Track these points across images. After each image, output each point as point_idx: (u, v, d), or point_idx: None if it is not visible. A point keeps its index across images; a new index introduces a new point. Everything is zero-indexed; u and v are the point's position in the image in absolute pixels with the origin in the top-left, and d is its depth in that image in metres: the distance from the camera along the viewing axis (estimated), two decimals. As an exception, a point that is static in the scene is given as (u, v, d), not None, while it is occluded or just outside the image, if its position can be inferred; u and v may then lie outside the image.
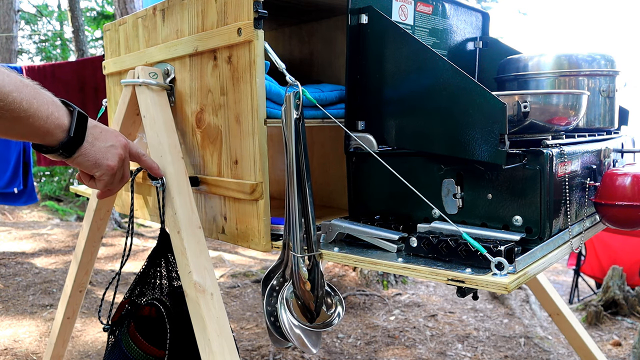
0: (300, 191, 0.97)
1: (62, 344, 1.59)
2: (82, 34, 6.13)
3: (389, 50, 1.06)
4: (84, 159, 0.89)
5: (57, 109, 0.82)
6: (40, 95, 0.79)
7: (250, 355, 2.53)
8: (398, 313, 3.16)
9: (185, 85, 1.23)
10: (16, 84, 0.75)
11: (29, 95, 0.77)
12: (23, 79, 0.78)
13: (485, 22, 1.53)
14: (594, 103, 1.24)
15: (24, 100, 0.75)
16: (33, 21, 10.94)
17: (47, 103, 0.80)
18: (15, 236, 4.89)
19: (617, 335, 2.95)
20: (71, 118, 0.85)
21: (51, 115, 0.81)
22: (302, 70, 1.64)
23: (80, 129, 0.86)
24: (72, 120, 0.85)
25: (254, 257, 4.48)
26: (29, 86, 0.78)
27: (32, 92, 0.78)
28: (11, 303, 3.11)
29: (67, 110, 0.85)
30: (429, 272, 0.84)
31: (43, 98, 0.80)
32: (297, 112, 0.96)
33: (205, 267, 1.03)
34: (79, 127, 0.86)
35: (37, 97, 0.78)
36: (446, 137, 0.95)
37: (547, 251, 0.92)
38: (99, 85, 3.78)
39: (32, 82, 0.80)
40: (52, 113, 0.81)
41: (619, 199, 1.00)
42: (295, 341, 0.99)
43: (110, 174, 0.94)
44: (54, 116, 0.81)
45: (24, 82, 0.77)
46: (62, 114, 0.83)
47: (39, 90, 0.80)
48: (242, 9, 1.04)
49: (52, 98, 0.83)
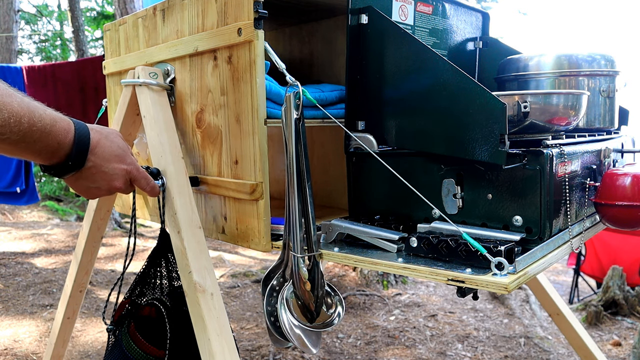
0: (300, 191, 0.97)
1: (62, 344, 1.59)
2: (82, 34, 6.13)
3: (389, 50, 1.06)
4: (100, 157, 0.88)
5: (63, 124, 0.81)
6: (44, 117, 0.77)
7: (250, 355, 2.53)
8: (398, 313, 3.16)
9: (186, 85, 1.23)
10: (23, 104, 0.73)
11: (36, 118, 0.75)
12: (21, 95, 0.76)
13: (485, 22, 1.53)
14: (594, 103, 1.24)
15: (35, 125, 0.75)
16: (33, 21, 10.94)
17: (52, 121, 0.78)
18: (15, 236, 4.90)
19: (617, 335, 2.95)
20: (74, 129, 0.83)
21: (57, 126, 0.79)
22: (302, 70, 1.64)
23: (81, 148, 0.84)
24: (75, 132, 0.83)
25: (254, 257, 4.48)
26: (30, 103, 0.76)
27: (42, 111, 0.77)
28: (11, 303, 3.11)
29: (70, 121, 0.83)
30: (429, 272, 0.84)
31: (48, 118, 0.78)
32: (297, 112, 0.96)
33: (205, 267, 1.03)
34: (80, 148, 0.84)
35: (43, 118, 0.77)
36: (446, 137, 0.95)
37: (547, 251, 0.92)
38: (99, 85, 3.78)
39: (31, 100, 0.78)
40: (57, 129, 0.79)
41: (619, 199, 1.00)
42: (295, 341, 0.99)
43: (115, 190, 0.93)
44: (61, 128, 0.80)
45: (25, 101, 0.75)
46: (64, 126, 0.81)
47: (43, 108, 0.78)
48: (242, 9, 1.04)
49: (58, 139, 0.80)
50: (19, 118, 0.72)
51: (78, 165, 0.84)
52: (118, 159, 0.90)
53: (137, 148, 1.43)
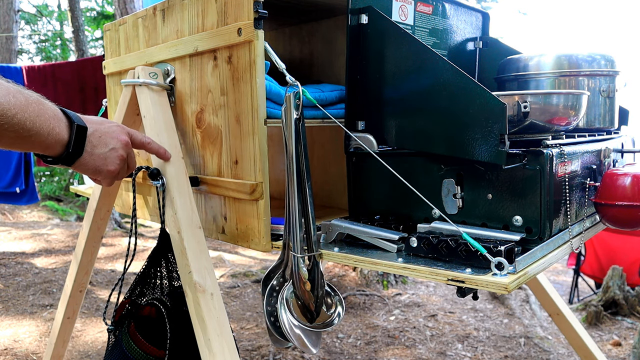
0: (300, 191, 0.97)
1: (62, 344, 1.59)
2: (82, 34, 6.13)
3: (389, 50, 1.06)
4: (83, 168, 0.91)
5: (58, 123, 0.84)
6: (43, 112, 0.81)
7: (250, 355, 2.53)
8: (398, 313, 3.16)
9: (186, 85, 1.23)
10: (21, 105, 0.76)
11: (33, 114, 0.78)
12: (28, 94, 0.79)
13: (485, 22, 1.54)
14: (594, 103, 1.24)
15: (28, 120, 0.77)
16: (33, 21, 10.94)
17: (49, 119, 0.82)
18: (15, 236, 4.90)
19: (617, 335, 2.95)
20: (70, 132, 0.86)
21: (52, 131, 0.82)
22: (302, 70, 1.64)
23: (78, 142, 0.87)
24: (71, 135, 0.86)
25: (254, 257, 4.48)
26: (33, 104, 0.79)
27: (36, 109, 0.79)
28: (11, 303, 3.11)
29: (68, 122, 0.86)
30: (429, 272, 0.84)
31: (45, 114, 0.81)
32: (297, 112, 0.96)
33: (205, 267, 1.03)
34: (78, 141, 0.87)
35: (40, 114, 0.80)
36: (446, 137, 0.95)
37: (547, 251, 0.92)
38: (99, 85, 3.78)
39: (36, 96, 0.81)
40: (53, 129, 0.82)
41: (619, 199, 1.00)
42: (295, 341, 0.99)
43: (111, 177, 0.96)
44: (55, 132, 0.83)
45: (28, 101, 0.78)
46: (62, 128, 0.84)
47: (42, 105, 0.81)
48: (242, 9, 1.04)
49: (54, 111, 0.84)
50: (14, 94, 0.75)
51: (83, 130, 0.87)
52: (107, 121, 0.96)
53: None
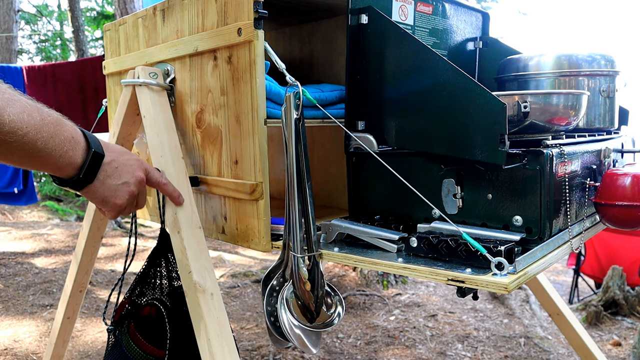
0: (300, 191, 0.97)
1: (62, 344, 1.59)
2: (82, 34, 6.13)
3: (389, 50, 1.06)
4: (92, 196, 0.88)
5: (74, 146, 0.81)
6: (59, 133, 0.78)
7: (250, 355, 2.53)
8: (398, 313, 3.16)
9: (186, 85, 1.23)
10: (35, 124, 0.73)
11: (47, 134, 0.75)
12: (46, 113, 0.76)
13: (485, 22, 1.53)
14: (594, 103, 1.24)
15: (40, 140, 0.74)
16: (33, 21, 10.94)
17: (64, 141, 0.79)
18: (15, 236, 4.89)
19: (617, 335, 2.95)
20: (86, 156, 0.83)
21: (65, 154, 0.80)
22: (302, 70, 1.64)
23: (92, 169, 0.85)
24: (85, 160, 0.83)
25: (254, 257, 4.48)
26: (49, 124, 0.76)
27: (52, 130, 0.76)
28: (11, 303, 3.11)
29: (85, 147, 0.83)
30: (429, 272, 0.84)
31: (62, 135, 0.78)
32: (297, 112, 0.96)
33: (205, 267, 1.03)
34: (92, 167, 0.85)
35: (56, 135, 0.77)
36: (446, 137, 0.95)
37: (547, 251, 0.92)
38: (99, 85, 3.78)
39: (56, 116, 0.78)
40: (67, 152, 0.80)
41: (619, 199, 1.00)
42: (295, 341, 0.99)
43: (117, 210, 0.93)
44: (68, 155, 0.80)
45: (44, 120, 0.75)
46: (77, 152, 0.82)
47: (60, 127, 0.78)
48: (242, 9, 1.04)
49: (73, 133, 0.81)
50: (30, 112, 0.73)
51: (99, 157, 0.85)
52: (128, 152, 0.95)
53: (137, 148, 1.43)
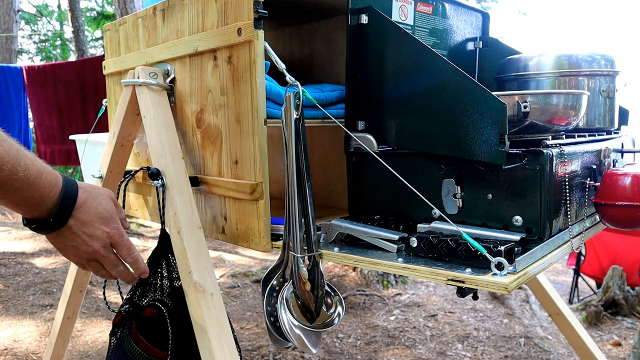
0: (300, 191, 0.97)
1: (62, 344, 1.59)
2: (82, 34, 6.14)
3: (389, 50, 1.06)
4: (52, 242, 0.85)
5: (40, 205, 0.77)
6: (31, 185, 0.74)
7: (250, 355, 2.53)
8: (398, 313, 3.16)
9: (186, 85, 1.23)
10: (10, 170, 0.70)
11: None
12: (26, 158, 0.73)
13: (485, 22, 1.53)
14: (594, 103, 1.24)
15: None
16: (33, 21, 10.95)
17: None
18: (15, 236, 4.89)
19: (617, 335, 2.95)
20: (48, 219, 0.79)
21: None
22: (302, 70, 1.64)
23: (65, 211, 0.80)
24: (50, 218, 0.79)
25: (254, 257, 4.48)
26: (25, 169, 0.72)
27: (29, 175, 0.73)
28: (11, 303, 3.11)
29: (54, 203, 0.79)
30: (429, 272, 0.84)
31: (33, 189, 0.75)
32: (297, 112, 0.96)
33: (205, 267, 1.03)
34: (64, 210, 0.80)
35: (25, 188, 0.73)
36: (446, 137, 0.95)
37: (547, 251, 0.92)
38: (99, 85, 3.78)
39: (39, 164, 0.75)
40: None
41: (619, 199, 1.00)
42: (295, 341, 0.99)
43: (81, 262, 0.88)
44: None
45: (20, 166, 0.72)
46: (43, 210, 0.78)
47: (37, 177, 0.75)
48: (242, 9, 1.04)
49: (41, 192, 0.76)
50: (0, 164, 0.69)
51: (59, 224, 0.80)
52: (101, 221, 0.86)
53: (137, 148, 1.43)
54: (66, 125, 4.01)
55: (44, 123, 4.12)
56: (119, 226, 0.89)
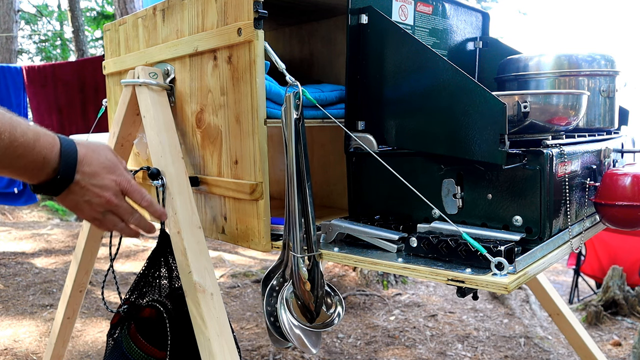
0: (300, 191, 0.97)
1: (62, 344, 1.59)
2: (82, 34, 6.14)
3: (389, 50, 1.06)
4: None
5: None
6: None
7: (250, 355, 2.53)
8: (398, 313, 3.16)
9: (186, 85, 1.23)
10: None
11: None
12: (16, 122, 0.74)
13: (485, 22, 1.53)
14: (594, 103, 1.24)
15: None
16: (33, 21, 10.95)
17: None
18: (15, 236, 4.89)
19: (617, 335, 2.95)
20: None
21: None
22: (302, 70, 1.64)
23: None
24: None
25: (254, 257, 4.48)
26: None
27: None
28: (11, 303, 3.11)
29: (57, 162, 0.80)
30: (429, 272, 0.84)
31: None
32: (297, 112, 0.96)
33: (205, 267, 1.03)
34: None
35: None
36: (446, 137, 0.95)
37: (547, 251, 0.92)
38: (99, 85, 3.78)
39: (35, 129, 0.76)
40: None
41: (619, 199, 1.00)
42: (295, 341, 0.99)
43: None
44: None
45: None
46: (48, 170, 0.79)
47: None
48: (242, 9, 1.04)
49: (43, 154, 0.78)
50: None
51: (67, 180, 0.81)
52: (107, 170, 0.87)
53: (137, 148, 1.43)
54: (66, 125, 4.01)
55: (44, 123, 4.11)
56: (125, 173, 0.90)
